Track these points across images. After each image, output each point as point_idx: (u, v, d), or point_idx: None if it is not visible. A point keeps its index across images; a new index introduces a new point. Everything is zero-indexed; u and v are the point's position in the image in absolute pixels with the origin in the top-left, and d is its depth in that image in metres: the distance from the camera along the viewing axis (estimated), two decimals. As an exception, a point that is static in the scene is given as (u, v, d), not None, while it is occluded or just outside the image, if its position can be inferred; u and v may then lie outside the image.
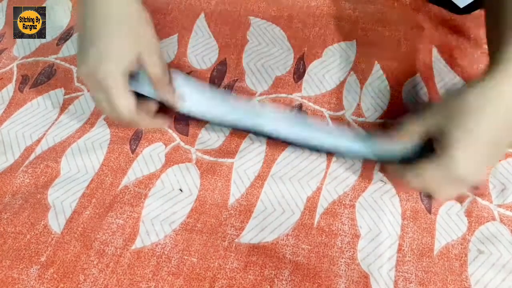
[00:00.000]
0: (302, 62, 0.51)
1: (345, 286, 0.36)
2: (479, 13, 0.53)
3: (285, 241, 0.38)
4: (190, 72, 0.50)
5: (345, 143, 0.41)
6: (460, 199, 0.40)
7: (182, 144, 0.44)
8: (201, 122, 0.45)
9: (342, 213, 0.40)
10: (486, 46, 0.44)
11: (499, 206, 0.40)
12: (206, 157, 0.43)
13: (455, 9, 0.55)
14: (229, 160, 0.43)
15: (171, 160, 0.43)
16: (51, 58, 0.52)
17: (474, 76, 0.49)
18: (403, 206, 0.40)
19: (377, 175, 0.42)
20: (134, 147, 0.44)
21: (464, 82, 0.49)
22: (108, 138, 0.45)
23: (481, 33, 0.53)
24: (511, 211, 0.40)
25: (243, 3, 0.56)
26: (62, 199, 0.40)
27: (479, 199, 0.40)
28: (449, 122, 0.34)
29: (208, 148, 0.44)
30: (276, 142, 0.43)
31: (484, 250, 0.38)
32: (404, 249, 0.38)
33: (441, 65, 0.50)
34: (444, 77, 0.49)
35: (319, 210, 0.40)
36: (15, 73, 0.51)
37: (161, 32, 0.54)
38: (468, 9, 0.54)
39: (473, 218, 0.39)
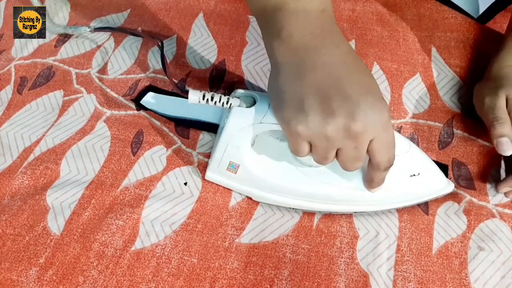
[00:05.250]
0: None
1: (345, 285, 0.36)
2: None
3: (285, 241, 0.38)
4: (190, 73, 0.50)
5: None
6: (457, 200, 0.41)
7: (183, 147, 0.44)
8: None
9: (340, 217, 0.40)
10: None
11: (496, 205, 0.40)
12: (208, 160, 0.43)
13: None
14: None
15: (172, 163, 0.43)
16: (50, 60, 0.52)
17: (473, 76, 0.49)
18: (399, 210, 0.40)
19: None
20: (136, 149, 0.44)
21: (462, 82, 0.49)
22: (109, 140, 0.45)
23: (480, 32, 0.53)
24: (509, 209, 0.40)
25: (243, 3, 0.56)
26: (61, 200, 0.40)
27: (475, 200, 0.41)
28: None
29: (209, 151, 0.44)
30: None
31: (484, 247, 0.38)
32: (402, 249, 0.38)
33: (441, 65, 0.50)
34: (444, 77, 0.49)
35: (318, 214, 0.40)
36: (13, 74, 0.51)
37: (160, 33, 0.54)
38: (483, 18, 0.54)
39: (472, 216, 0.40)
